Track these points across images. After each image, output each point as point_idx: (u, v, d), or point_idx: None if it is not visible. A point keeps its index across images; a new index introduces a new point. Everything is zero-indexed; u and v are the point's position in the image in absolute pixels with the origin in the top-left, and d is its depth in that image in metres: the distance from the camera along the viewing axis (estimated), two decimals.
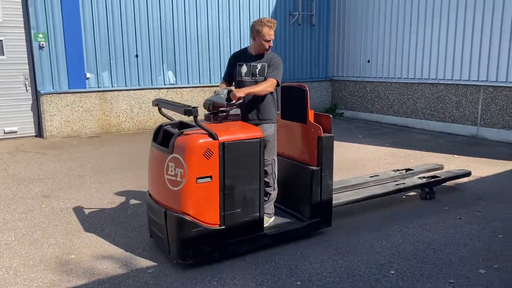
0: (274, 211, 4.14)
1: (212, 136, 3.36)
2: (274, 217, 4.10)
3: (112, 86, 9.16)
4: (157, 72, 9.62)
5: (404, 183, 5.00)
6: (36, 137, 8.75)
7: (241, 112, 3.81)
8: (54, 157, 7.22)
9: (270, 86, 3.79)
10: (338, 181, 5.04)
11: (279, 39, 11.09)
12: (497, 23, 8.14)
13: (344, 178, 5.43)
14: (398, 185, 4.95)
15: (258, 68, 3.93)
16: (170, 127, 3.80)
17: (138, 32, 9.28)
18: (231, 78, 4.09)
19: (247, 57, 4.00)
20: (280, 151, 4.22)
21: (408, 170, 5.54)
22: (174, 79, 9.86)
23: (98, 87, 9.04)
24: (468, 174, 5.57)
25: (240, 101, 3.70)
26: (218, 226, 3.47)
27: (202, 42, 10.06)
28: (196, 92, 10.12)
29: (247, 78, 3.95)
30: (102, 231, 4.26)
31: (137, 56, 9.33)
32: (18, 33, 8.32)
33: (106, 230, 4.29)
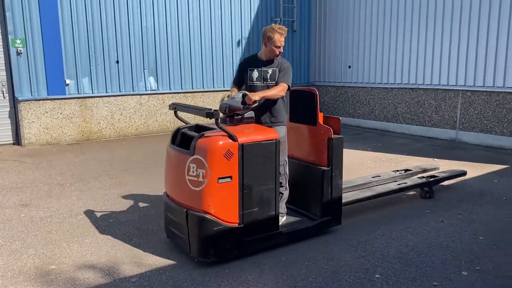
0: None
1: (231, 137, 3.49)
2: (286, 216, 4.23)
3: (92, 93, 9.04)
4: (138, 78, 9.53)
5: (405, 183, 5.24)
6: (14, 144, 8.55)
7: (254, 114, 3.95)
8: (33, 165, 7.06)
9: (282, 90, 3.99)
10: (344, 181, 5.18)
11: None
12: (473, 30, 8.33)
13: (348, 179, 5.51)
14: (400, 184, 5.19)
15: (269, 73, 4.10)
16: (188, 130, 3.93)
17: (118, 37, 9.20)
18: (241, 82, 4.25)
19: (258, 62, 4.18)
20: (288, 153, 4.34)
21: (406, 170, 5.78)
22: (156, 85, 9.79)
23: (78, 94, 8.90)
24: (464, 174, 5.79)
25: (255, 104, 3.84)
26: (237, 224, 3.60)
27: (184, 48, 10.02)
28: (178, 98, 10.06)
29: (259, 83, 4.13)
30: (84, 240, 4.17)
31: (117, 62, 9.24)
32: None
33: (87, 239, 4.21)
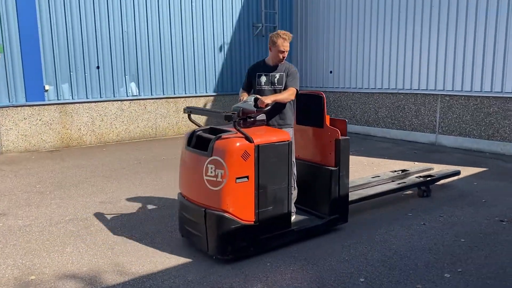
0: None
1: (248, 139, 3.65)
2: (295, 215, 4.36)
3: (72, 99, 8.90)
4: (119, 83, 9.43)
5: (404, 182, 5.49)
6: None
7: None
8: (11, 172, 6.90)
9: (292, 94, 4.19)
10: None
11: (243, 50, 11.16)
12: (451, 36, 8.51)
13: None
14: (399, 184, 5.43)
15: (276, 77, 4.28)
16: (202, 133, 4.06)
17: (99, 43, 9.09)
18: (250, 87, 4.44)
19: (266, 67, 4.35)
20: (295, 155, 4.43)
21: (403, 171, 6.02)
22: (137, 91, 9.70)
23: (58, 100, 8.75)
24: (457, 173, 6.07)
25: (268, 107, 4.00)
26: (253, 222, 3.74)
27: (166, 53, 9.96)
28: (159, 103, 9.99)
29: (267, 87, 4.30)
30: (64, 249, 4.09)
31: (98, 67, 9.12)
32: None
33: (68, 248, 4.12)
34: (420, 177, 5.72)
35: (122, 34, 9.34)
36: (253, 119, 3.95)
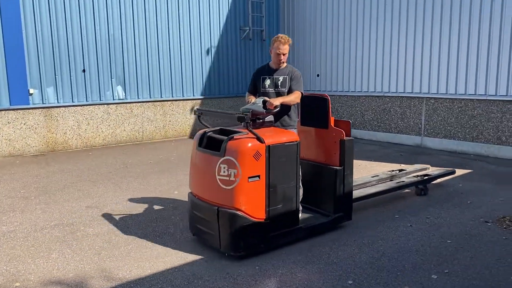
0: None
1: (259, 139, 3.77)
2: (301, 213, 4.40)
3: (58, 102, 8.80)
4: (105, 87, 9.35)
5: (403, 181, 5.66)
6: None
7: None
8: None
9: (298, 97, 4.41)
10: None
11: (231, 53, 11.16)
12: (435, 40, 8.63)
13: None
14: (398, 183, 5.62)
15: (280, 80, 4.49)
16: (213, 134, 4.15)
17: (85, 45, 9.00)
18: (255, 90, 4.63)
19: (270, 71, 4.57)
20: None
21: (401, 170, 6.20)
22: (124, 94, 9.63)
23: (43, 103, 8.64)
24: (453, 172, 6.28)
25: (277, 109, 4.18)
26: (264, 220, 3.85)
27: (152, 57, 9.91)
28: (146, 106, 9.93)
29: (271, 90, 4.50)
30: (50, 255, 4.03)
31: (84, 70, 9.04)
32: None
33: (54, 254, 4.06)
34: (418, 176, 5.88)
35: (108, 37, 9.27)
36: (261, 120, 4.08)
